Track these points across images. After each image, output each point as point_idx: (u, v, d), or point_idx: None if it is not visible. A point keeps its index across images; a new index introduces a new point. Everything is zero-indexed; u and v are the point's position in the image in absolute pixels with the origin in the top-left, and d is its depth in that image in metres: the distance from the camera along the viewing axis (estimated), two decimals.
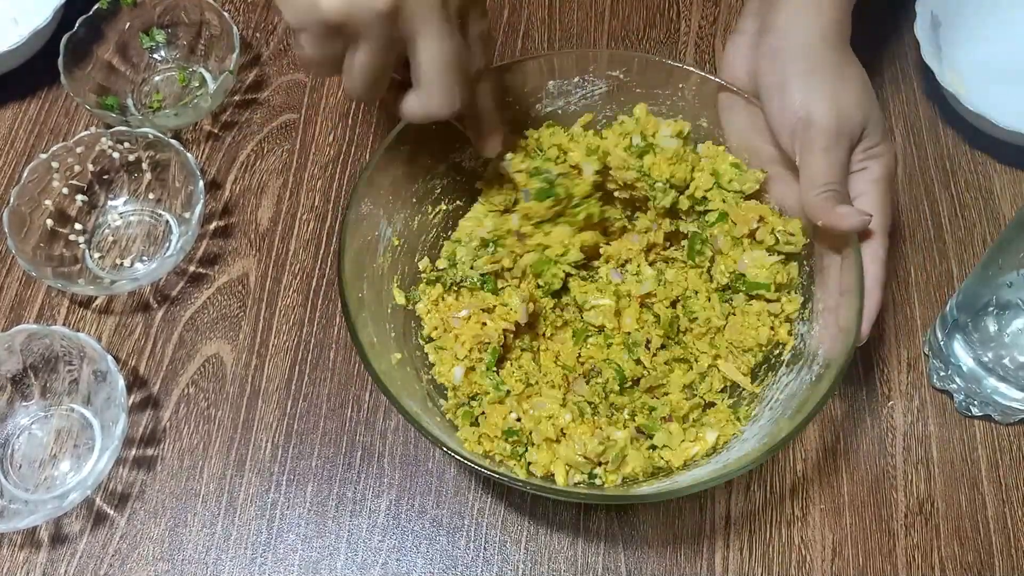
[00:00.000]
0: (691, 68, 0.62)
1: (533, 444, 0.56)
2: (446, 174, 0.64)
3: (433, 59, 0.49)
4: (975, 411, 0.62)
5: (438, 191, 0.64)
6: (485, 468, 0.51)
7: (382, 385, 0.51)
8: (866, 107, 0.56)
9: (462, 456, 0.50)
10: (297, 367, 0.66)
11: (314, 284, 0.69)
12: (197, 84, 0.79)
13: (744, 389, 0.59)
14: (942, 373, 0.63)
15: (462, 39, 0.50)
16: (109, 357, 0.61)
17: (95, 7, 0.76)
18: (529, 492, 0.60)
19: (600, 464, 0.55)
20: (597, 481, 0.55)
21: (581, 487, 0.55)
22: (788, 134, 0.57)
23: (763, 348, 0.59)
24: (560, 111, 0.65)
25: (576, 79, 0.64)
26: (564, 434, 0.55)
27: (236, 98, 0.78)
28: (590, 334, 0.61)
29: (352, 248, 0.56)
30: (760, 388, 0.59)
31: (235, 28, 0.75)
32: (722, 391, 0.60)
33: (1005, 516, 0.60)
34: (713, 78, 0.61)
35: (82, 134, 0.70)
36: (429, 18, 0.47)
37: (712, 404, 0.59)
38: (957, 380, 0.62)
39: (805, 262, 0.60)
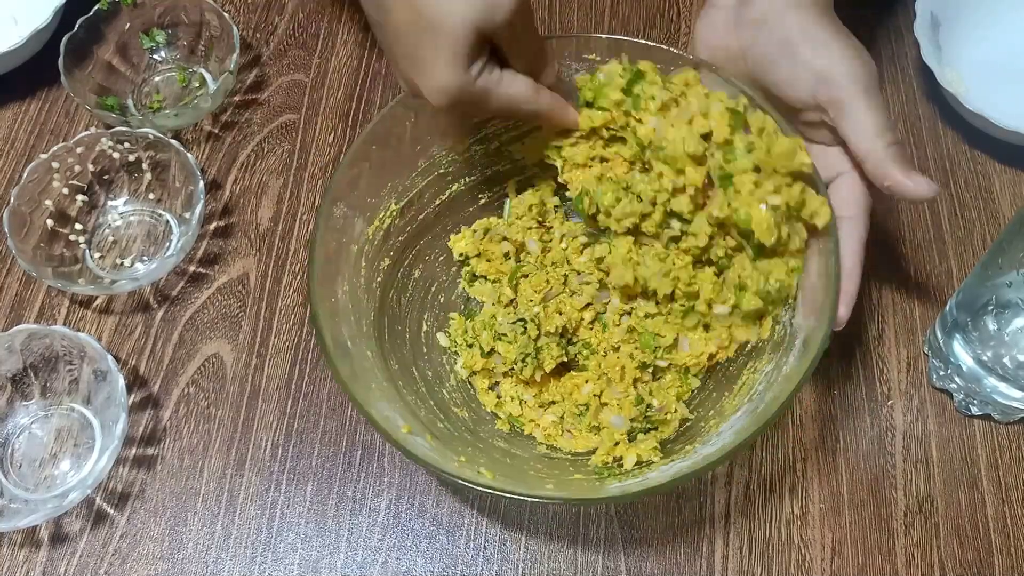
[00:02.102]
0: (675, 50, 0.59)
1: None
2: (428, 171, 0.64)
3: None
4: (975, 410, 0.62)
5: (420, 186, 0.64)
6: (459, 478, 0.49)
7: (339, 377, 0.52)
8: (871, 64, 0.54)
9: (419, 458, 0.50)
10: (297, 367, 0.66)
11: None
12: (197, 84, 0.79)
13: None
14: (942, 372, 0.63)
15: (471, 79, 0.50)
16: (109, 357, 0.61)
17: (95, 7, 0.76)
18: (504, 497, 0.60)
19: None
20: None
21: (551, 488, 0.54)
22: (808, 95, 0.54)
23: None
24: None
25: (573, 66, 0.63)
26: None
27: (236, 98, 0.78)
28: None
29: (324, 248, 0.56)
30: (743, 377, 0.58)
31: (235, 28, 0.75)
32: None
33: (1005, 515, 0.60)
34: (692, 57, 0.59)
35: (82, 134, 0.70)
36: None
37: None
38: (957, 379, 0.62)
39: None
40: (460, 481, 0.49)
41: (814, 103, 0.55)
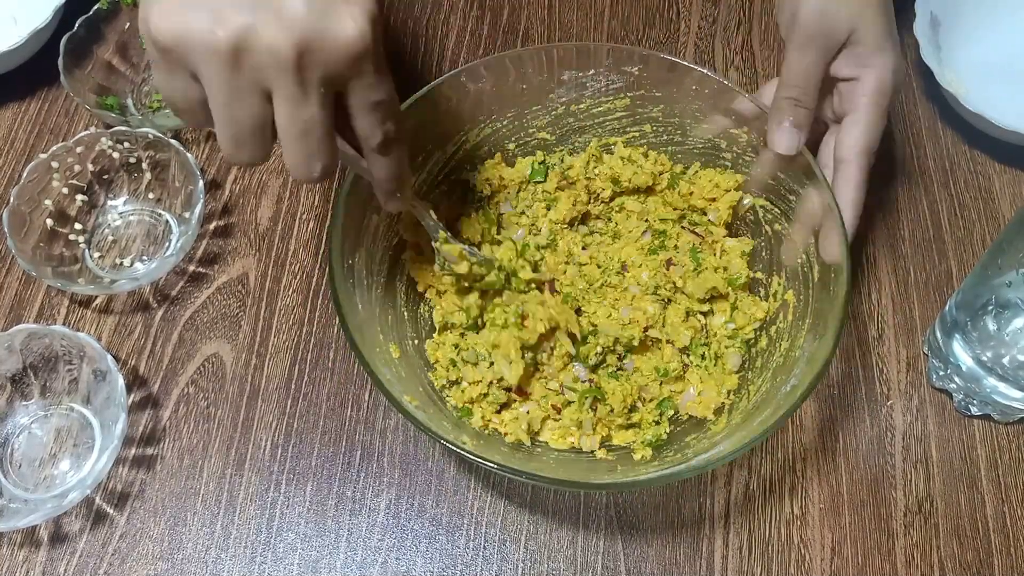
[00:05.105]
0: (697, 67, 0.61)
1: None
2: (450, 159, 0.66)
3: (283, 124, 0.44)
4: (974, 410, 0.62)
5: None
6: (462, 448, 0.51)
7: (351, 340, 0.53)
8: (857, 9, 0.56)
9: (420, 422, 0.51)
10: (297, 366, 0.66)
11: (314, 284, 0.70)
12: None
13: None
14: (941, 372, 0.63)
15: (328, 109, 0.44)
16: (109, 356, 0.61)
17: (95, 7, 0.76)
18: (505, 475, 0.59)
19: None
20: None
21: (533, 465, 0.56)
22: (784, 33, 0.58)
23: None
24: (573, 103, 0.66)
25: (591, 72, 0.64)
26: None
27: None
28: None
29: (349, 212, 0.57)
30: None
31: None
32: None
33: (1004, 515, 0.60)
34: (717, 77, 0.61)
35: (82, 134, 0.70)
36: (277, 77, 0.41)
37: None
38: (956, 379, 0.62)
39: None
40: (462, 451, 0.50)
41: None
